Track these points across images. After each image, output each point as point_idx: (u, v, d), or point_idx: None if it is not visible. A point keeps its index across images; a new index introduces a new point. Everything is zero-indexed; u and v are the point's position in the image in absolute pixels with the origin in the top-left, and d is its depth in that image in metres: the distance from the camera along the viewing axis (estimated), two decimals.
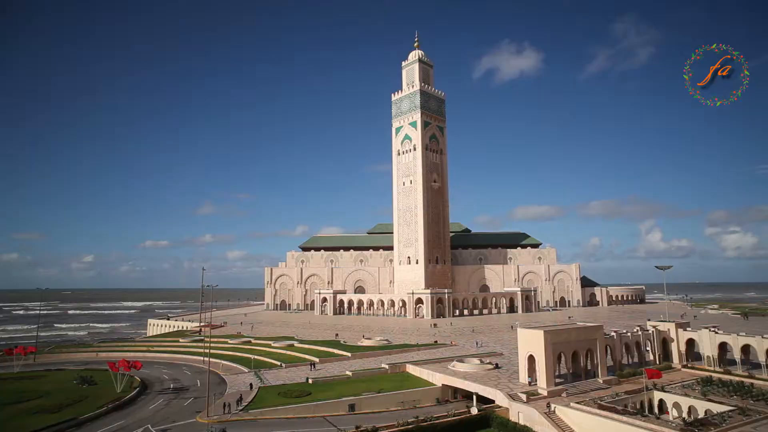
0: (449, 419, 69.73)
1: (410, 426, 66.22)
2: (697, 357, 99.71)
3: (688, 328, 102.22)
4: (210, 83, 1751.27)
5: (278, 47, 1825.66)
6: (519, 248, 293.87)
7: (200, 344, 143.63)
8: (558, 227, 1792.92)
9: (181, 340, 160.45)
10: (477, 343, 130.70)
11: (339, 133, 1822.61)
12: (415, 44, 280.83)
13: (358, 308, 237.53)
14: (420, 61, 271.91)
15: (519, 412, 70.99)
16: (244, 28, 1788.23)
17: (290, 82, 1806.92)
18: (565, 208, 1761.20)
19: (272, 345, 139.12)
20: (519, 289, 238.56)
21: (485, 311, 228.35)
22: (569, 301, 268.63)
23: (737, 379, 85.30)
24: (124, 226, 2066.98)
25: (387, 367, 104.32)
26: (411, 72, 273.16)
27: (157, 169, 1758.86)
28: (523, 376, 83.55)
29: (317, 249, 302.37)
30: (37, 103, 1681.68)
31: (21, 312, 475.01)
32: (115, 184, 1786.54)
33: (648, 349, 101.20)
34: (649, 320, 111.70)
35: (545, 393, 75.43)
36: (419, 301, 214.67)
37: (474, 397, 79.63)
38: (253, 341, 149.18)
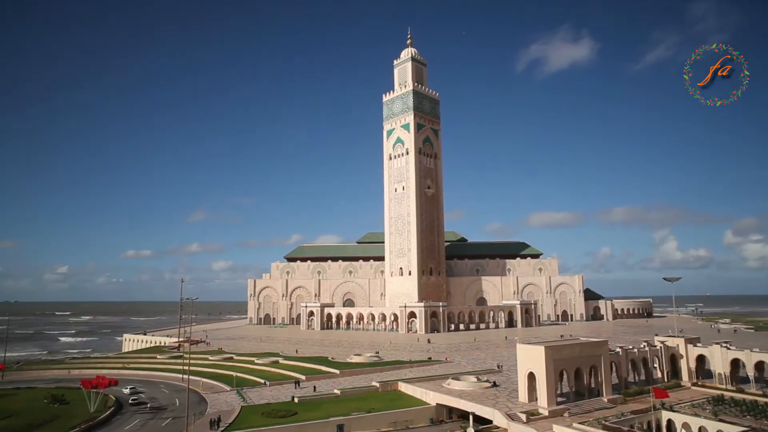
0: None
1: None
2: (708, 374, 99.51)
3: (698, 344, 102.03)
4: (201, 84, 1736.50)
5: (265, 47, 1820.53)
6: (518, 258, 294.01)
7: (179, 361, 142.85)
8: (574, 235, 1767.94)
9: (158, 357, 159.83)
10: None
11: (333, 136, 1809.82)
12: (408, 41, 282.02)
13: (347, 322, 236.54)
14: (413, 59, 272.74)
15: None
16: (233, 27, 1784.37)
17: (278, 82, 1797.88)
18: (585, 215, 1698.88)
19: (256, 361, 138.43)
20: (518, 302, 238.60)
21: (482, 326, 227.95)
22: (572, 315, 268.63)
23: (750, 397, 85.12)
24: (105, 234, 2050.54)
25: (378, 385, 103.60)
26: (403, 71, 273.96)
27: (146, 174, 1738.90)
28: (523, 395, 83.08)
29: (303, 259, 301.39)
30: (11, 104, 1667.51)
31: None
32: (100, 190, 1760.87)
33: (656, 366, 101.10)
34: (656, 335, 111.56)
35: (546, 413, 74.94)
36: (412, 314, 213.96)
37: (470, 417, 79.04)
38: (235, 357, 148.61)
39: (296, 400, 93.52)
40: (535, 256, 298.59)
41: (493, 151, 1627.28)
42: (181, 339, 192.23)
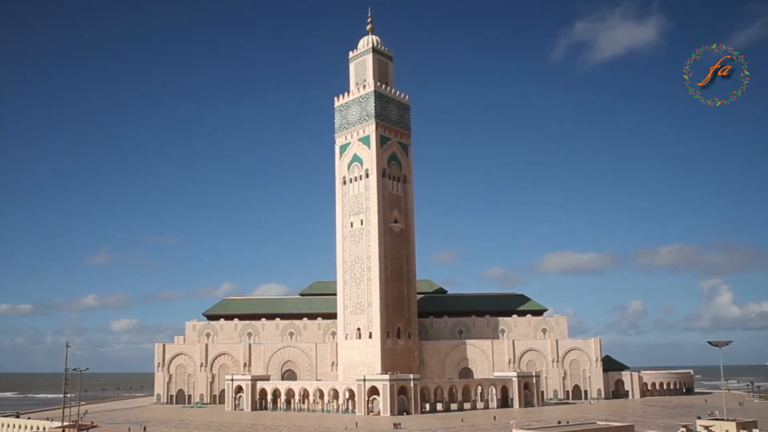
0: None
1: None
2: None
3: (754, 430, 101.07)
4: (106, 84, 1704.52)
5: (184, 35, 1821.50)
6: (515, 316, 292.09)
7: None
8: (600, 284, 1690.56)
9: None
10: None
11: (271, 155, 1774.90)
12: (368, 26, 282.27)
13: (287, 401, 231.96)
14: (374, 50, 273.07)
15: None
16: (140, 13, 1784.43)
17: (198, 82, 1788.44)
18: (619, 257, 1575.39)
19: None
20: (515, 373, 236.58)
21: (467, 405, 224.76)
22: (586, 391, 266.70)
23: None
24: None
25: None
26: (361, 66, 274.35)
27: (30, 200, 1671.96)
28: None
29: (229, 317, 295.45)
30: None
31: None
32: None
33: None
34: (698, 418, 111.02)
35: None
36: (374, 390, 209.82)
37: None
38: None
39: None
40: (538, 312, 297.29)
41: (496, 172, 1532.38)
42: (66, 423, 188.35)
